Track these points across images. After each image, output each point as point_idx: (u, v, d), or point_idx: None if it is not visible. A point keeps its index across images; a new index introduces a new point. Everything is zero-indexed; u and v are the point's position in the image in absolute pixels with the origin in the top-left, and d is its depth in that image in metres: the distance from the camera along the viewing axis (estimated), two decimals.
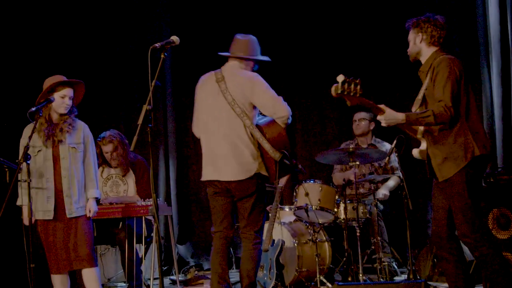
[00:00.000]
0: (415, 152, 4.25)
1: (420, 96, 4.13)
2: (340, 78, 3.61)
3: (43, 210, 4.77)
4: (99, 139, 5.85)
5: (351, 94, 3.61)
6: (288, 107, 4.49)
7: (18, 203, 4.80)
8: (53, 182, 4.79)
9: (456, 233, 4.06)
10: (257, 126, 4.50)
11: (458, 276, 4.04)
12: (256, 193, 4.49)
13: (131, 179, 6.02)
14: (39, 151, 4.80)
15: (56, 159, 4.81)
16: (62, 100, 4.79)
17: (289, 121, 4.50)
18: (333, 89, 3.65)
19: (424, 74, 4.14)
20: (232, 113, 4.47)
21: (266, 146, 4.42)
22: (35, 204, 4.78)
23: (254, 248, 4.52)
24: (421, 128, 4.11)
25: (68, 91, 4.82)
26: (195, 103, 4.74)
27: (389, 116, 3.88)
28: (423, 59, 4.18)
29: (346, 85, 3.60)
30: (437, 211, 4.12)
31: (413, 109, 4.13)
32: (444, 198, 4.07)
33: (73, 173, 4.81)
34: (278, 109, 4.44)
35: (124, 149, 5.90)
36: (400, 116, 3.88)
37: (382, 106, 3.88)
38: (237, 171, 4.44)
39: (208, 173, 4.57)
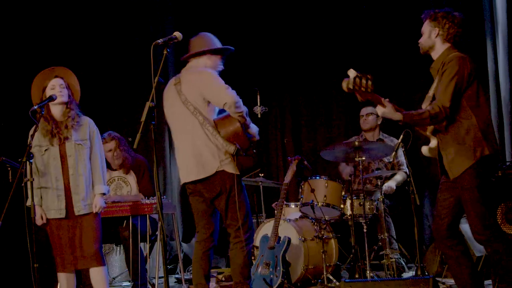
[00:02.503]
0: (425, 149, 4.20)
1: (430, 93, 4.08)
2: (352, 73, 3.56)
3: (55, 208, 4.74)
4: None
5: (363, 89, 3.57)
6: (234, 95, 4.31)
7: (28, 203, 4.75)
8: (62, 180, 4.76)
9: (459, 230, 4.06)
10: (214, 121, 4.43)
11: (462, 272, 4.01)
12: (225, 192, 4.40)
13: (132, 179, 5.99)
14: (46, 150, 4.77)
15: (63, 157, 4.78)
16: (53, 91, 4.75)
17: (239, 110, 4.31)
18: (344, 84, 3.61)
19: (435, 71, 4.08)
20: (187, 112, 4.42)
21: (220, 140, 4.35)
22: (46, 203, 4.75)
23: (234, 248, 4.45)
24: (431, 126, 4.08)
25: (55, 81, 4.79)
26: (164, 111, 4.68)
27: (388, 112, 3.87)
28: (435, 55, 4.12)
29: (357, 80, 3.56)
30: (441, 209, 4.08)
31: (423, 106, 4.07)
32: (451, 196, 4.03)
33: (80, 170, 4.78)
34: (222, 97, 4.30)
35: (124, 150, 5.91)
36: (397, 116, 3.87)
37: (386, 101, 3.85)
38: (196, 170, 4.39)
39: (182, 176, 4.58)
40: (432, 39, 4.08)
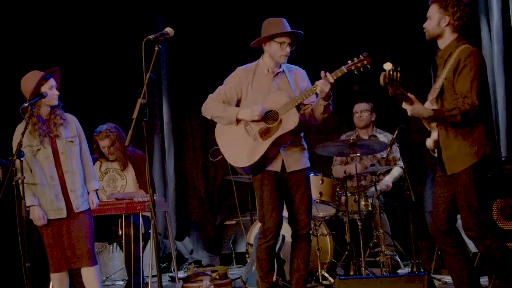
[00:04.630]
0: (429, 142, 4.07)
1: (437, 85, 3.95)
2: (388, 66, 3.51)
3: (54, 209, 4.70)
4: (95, 134, 5.80)
5: (395, 83, 3.53)
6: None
7: (28, 204, 4.68)
8: (58, 178, 4.72)
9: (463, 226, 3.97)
10: None
11: (461, 269, 3.97)
12: None
13: (130, 174, 5.93)
14: (38, 150, 4.73)
15: (55, 155, 4.75)
16: (51, 91, 4.72)
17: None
18: (381, 77, 3.57)
19: (442, 61, 3.97)
20: None
21: None
22: (44, 204, 4.71)
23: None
24: None
25: (52, 81, 4.76)
26: None
27: (417, 108, 3.78)
28: (442, 44, 4.00)
29: (393, 74, 3.52)
30: (437, 204, 4.03)
31: (430, 98, 3.96)
32: (447, 191, 3.98)
33: (74, 167, 4.76)
34: None
35: (121, 143, 5.84)
36: (427, 112, 3.79)
37: (412, 96, 3.77)
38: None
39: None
40: (442, 27, 3.95)
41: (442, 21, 3.93)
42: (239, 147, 4.58)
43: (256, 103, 4.51)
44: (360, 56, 4.37)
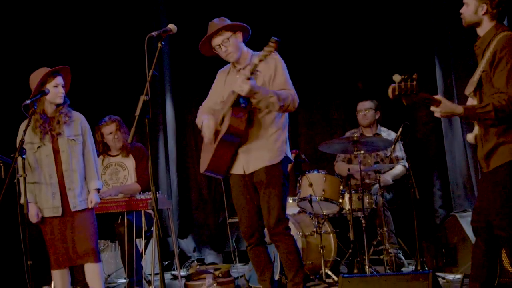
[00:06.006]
0: (470, 137, 3.89)
1: (475, 78, 3.76)
2: (397, 77, 3.37)
3: (50, 207, 4.71)
4: (101, 123, 5.89)
5: (409, 93, 3.37)
6: None
7: (22, 201, 4.68)
8: (56, 177, 4.70)
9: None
10: None
11: (484, 266, 3.83)
12: None
13: (131, 164, 5.95)
14: (38, 147, 4.74)
15: (56, 153, 4.74)
16: (56, 89, 4.72)
17: None
18: (390, 90, 3.41)
19: (480, 51, 3.79)
20: None
21: None
22: (40, 201, 4.72)
23: None
24: None
25: (59, 80, 4.75)
26: None
27: (446, 108, 3.59)
28: (480, 31, 3.80)
29: (403, 84, 3.36)
30: (481, 201, 3.85)
31: (467, 92, 3.80)
32: (489, 188, 3.78)
33: (74, 166, 4.76)
34: None
35: (123, 133, 5.91)
36: (458, 110, 3.60)
37: (438, 97, 3.60)
38: None
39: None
40: (479, 16, 3.75)
41: (479, 10, 3.75)
42: (204, 153, 4.54)
43: (227, 102, 4.37)
44: (269, 43, 4.05)
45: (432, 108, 3.64)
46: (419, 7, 6.88)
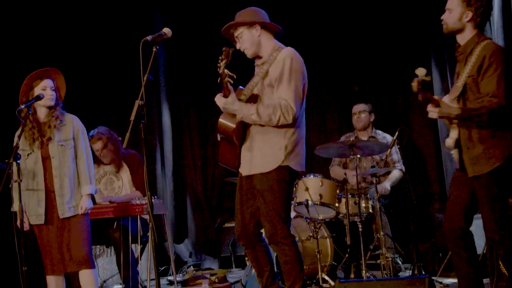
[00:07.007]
0: (449, 141, 3.86)
1: (460, 83, 3.78)
2: (422, 71, 3.40)
3: (35, 214, 4.67)
4: (88, 136, 5.74)
5: (426, 88, 3.43)
6: None
7: (14, 209, 4.65)
8: (44, 184, 4.67)
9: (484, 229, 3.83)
10: None
11: (469, 273, 3.86)
12: None
13: (125, 174, 5.91)
14: (29, 154, 4.70)
15: (45, 160, 4.69)
16: (44, 92, 4.65)
17: None
18: (414, 84, 3.44)
19: (463, 57, 3.82)
20: None
21: None
22: (28, 209, 4.68)
23: None
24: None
25: (47, 82, 4.68)
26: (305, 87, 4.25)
27: (444, 109, 3.63)
28: (462, 39, 3.84)
29: (426, 79, 3.42)
30: (454, 205, 3.88)
31: (451, 97, 3.79)
32: (466, 192, 3.83)
33: (64, 172, 4.69)
34: None
35: (114, 145, 5.81)
36: (455, 111, 3.64)
37: (437, 97, 3.64)
38: None
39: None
40: (463, 22, 3.78)
41: (464, 17, 3.77)
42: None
43: None
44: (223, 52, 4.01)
45: (430, 108, 3.66)
46: (415, 11, 6.88)
